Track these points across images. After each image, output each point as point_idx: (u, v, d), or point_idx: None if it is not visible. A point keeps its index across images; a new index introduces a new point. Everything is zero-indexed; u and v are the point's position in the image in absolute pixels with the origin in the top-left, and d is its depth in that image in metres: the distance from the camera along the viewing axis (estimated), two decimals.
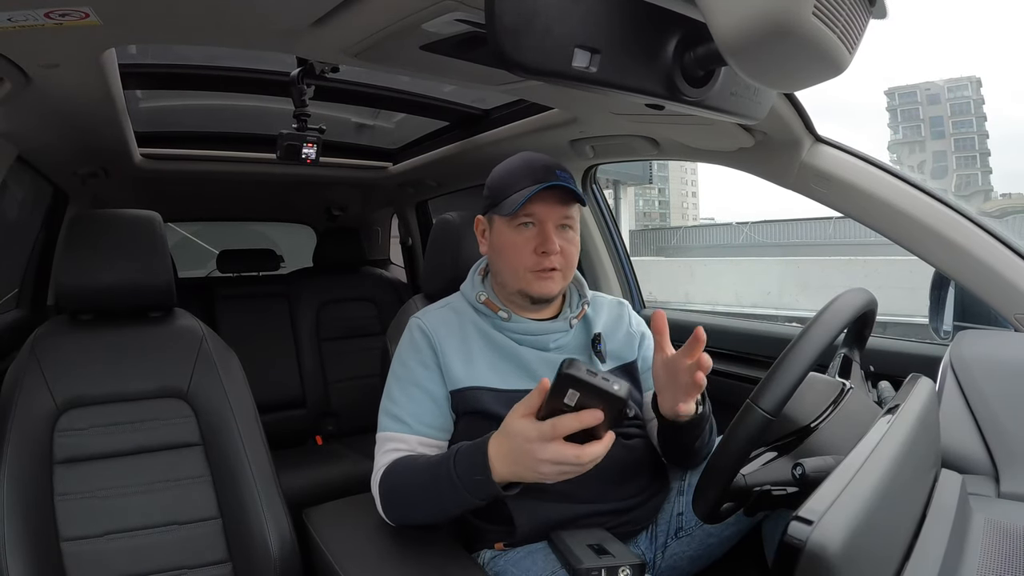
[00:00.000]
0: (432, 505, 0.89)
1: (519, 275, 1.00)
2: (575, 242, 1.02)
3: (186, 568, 1.06)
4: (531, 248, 0.99)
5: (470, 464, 0.81)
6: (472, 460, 0.81)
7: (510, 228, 1.00)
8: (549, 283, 1.00)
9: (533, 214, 0.98)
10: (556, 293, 1.02)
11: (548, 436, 0.71)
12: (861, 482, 0.55)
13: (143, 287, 1.17)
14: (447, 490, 0.84)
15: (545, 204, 0.98)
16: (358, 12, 0.81)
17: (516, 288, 1.01)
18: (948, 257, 1.07)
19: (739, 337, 1.56)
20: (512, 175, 1.01)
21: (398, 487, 0.93)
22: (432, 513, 0.91)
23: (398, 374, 1.02)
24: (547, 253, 0.98)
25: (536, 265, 0.99)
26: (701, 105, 0.61)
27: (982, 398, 0.86)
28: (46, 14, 0.77)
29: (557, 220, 0.99)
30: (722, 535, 0.99)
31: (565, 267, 1.01)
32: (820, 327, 0.80)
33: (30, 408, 1.05)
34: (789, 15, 0.44)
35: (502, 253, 1.02)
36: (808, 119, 1.10)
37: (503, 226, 1.01)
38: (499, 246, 1.02)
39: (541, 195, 0.97)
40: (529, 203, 0.97)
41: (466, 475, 0.82)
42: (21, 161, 1.39)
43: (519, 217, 0.99)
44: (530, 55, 0.48)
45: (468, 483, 0.81)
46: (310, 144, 1.48)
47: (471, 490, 0.82)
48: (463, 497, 0.83)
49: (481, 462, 0.79)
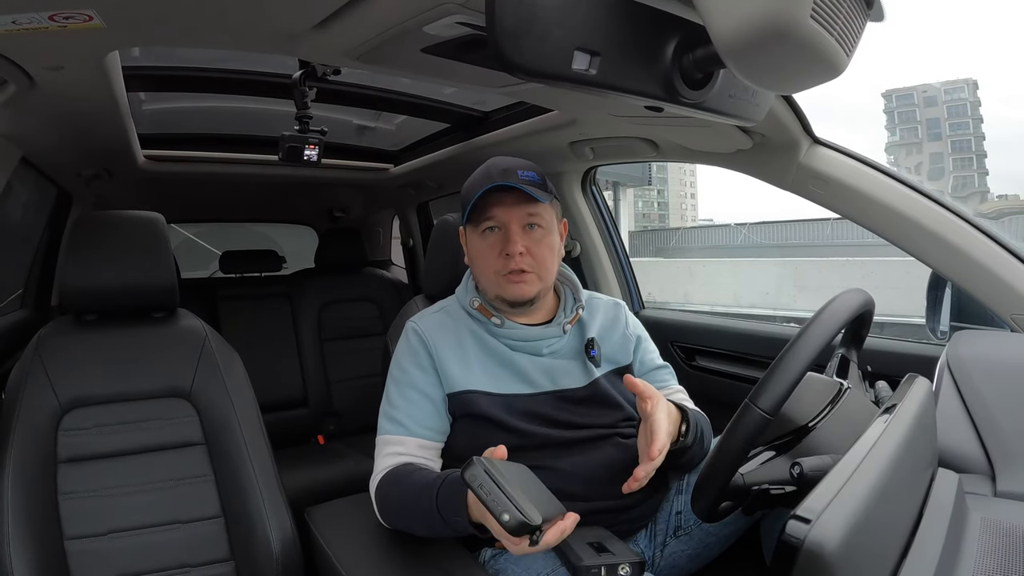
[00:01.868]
0: (420, 525, 0.92)
1: (491, 280, 1.01)
2: (545, 241, 1.01)
3: (189, 566, 1.07)
4: (496, 252, 0.99)
5: (449, 503, 0.84)
6: (452, 500, 0.83)
7: (477, 235, 1.01)
8: (522, 286, 0.99)
9: (494, 217, 0.99)
10: (532, 295, 1.01)
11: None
12: (859, 481, 0.55)
13: (146, 288, 1.18)
14: (432, 519, 0.87)
15: (504, 207, 0.98)
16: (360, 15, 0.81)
17: (493, 294, 1.02)
18: (945, 258, 1.07)
19: (737, 337, 1.57)
20: (473, 183, 1.02)
21: (390, 500, 0.95)
22: (419, 530, 0.93)
23: (396, 378, 1.03)
24: (511, 255, 0.97)
25: (503, 268, 0.99)
26: (700, 107, 0.61)
27: (978, 398, 0.87)
28: (50, 17, 0.77)
29: (521, 221, 0.99)
30: (721, 534, 1.00)
31: (537, 267, 1.00)
32: (818, 327, 0.80)
33: (34, 408, 1.05)
34: (787, 18, 0.44)
35: (474, 261, 1.04)
36: (806, 121, 1.11)
37: (472, 234, 1.03)
38: (471, 254, 1.04)
39: (500, 198, 0.97)
40: (489, 207, 0.98)
41: (445, 509, 0.84)
42: (25, 163, 1.39)
43: (481, 223, 1.00)
44: (530, 57, 0.49)
45: (449, 519, 0.84)
46: (312, 146, 1.48)
47: (451, 524, 0.85)
48: (445, 529, 0.87)
49: (460, 503, 0.82)
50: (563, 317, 1.06)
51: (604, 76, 0.53)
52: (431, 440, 0.99)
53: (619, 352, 1.09)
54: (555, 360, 1.04)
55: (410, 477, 0.93)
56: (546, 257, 1.01)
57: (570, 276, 1.12)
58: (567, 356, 1.05)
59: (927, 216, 1.08)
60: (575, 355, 1.05)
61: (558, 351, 1.05)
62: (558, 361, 1.04)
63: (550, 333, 1.04)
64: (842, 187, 1.13)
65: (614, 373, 1.07)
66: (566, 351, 1.05)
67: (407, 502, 0.92)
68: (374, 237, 2.99)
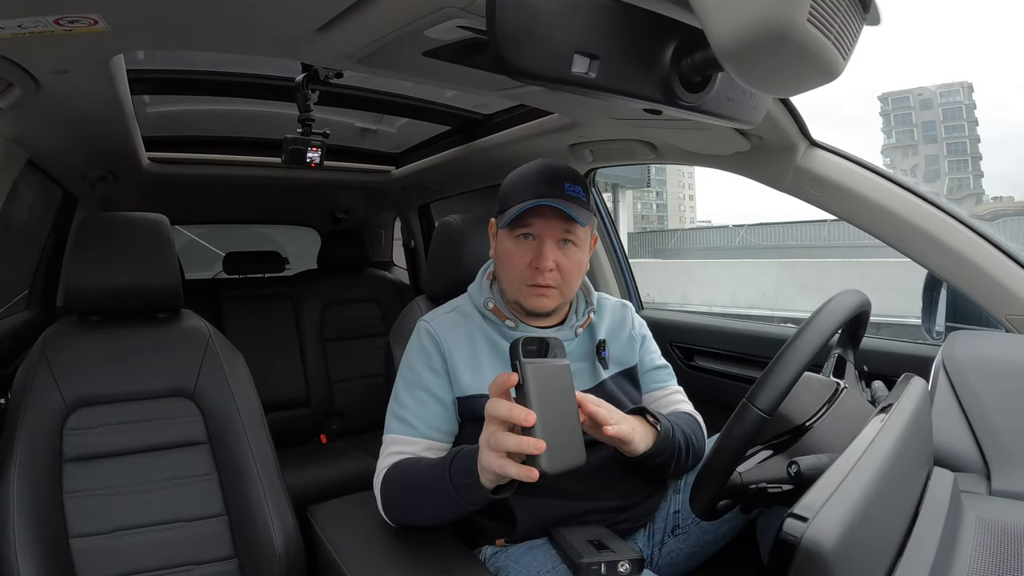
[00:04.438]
0: (429, 507, 0.89)
1: (515, 286, 1.00)
2: (576, 259, 0.99)
3: (193, 564, 1.08)
4: (527, 261, 0.97)
5: (461, 467, 0.81)
6: (464, 463, 0.81)
7: (510, 238, 0.99)
8: (543, 299, 0.99)
9: (532, 226, 0.97)
10: (550, 309, 1.01)
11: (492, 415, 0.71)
12: (855, 480, 0.56)
13: (151, 289, 1.19)
14: (441, 492, 0.84)
15: (545, 219, 0.96)
16: (362, 19, 0.82)
17: (513, 298, 1.02)
18: (940, 259, 1.08)
19: (735, 337, 1.57)
20: (517, 184, 1.00)
21: (398, 488, 0.94)
22: (428, 515, 0.91)
23: (406, 378, 1.02)
24: (540, 270, 0.96)
25: (530, 279, 0.98)
26: (698, 110, 0.62)
27: (974, 397, 0.87)
28: (55, 20, 0.78)
29: (556, 236, 0.97)
30: (718, 532, 1.00)
31: (562, 284, 0.99)
32: (815, 328, 0.80)
33: (40, 407, 1.06)
34: (784, 21, 0.45)
35: (501, 262, 1.02)
36: (803, 123, 1.12)
37: (505, 234, 1.00)
38: (500, 254, 1.03)
39: (542, 209, 0.95)
40: (529, 215, 0.96)
41: (458, 477, 0.82)
42: (31, 165, 1.40)
43: (517, 229, 0.98)
44: (530, 61, 0.49)
45: (459, 486, 0.81)
46: (314, 148, 1.49)
47: (461, 492, 0.82)
48: (455, 500, 0.83)
49: (471, 465, 0.78)
50: (575, 320, 1.06)
51: (603, 79, 0.53)
52: (439, 442, 0.99)
53: (626, 354, 1.09)
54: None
55: (418, 463, 0.93)
56: (572, 274, 1.00)
57: (583, 280, 1.11)
58: (577, 359, 1.04)
59: (923, 218, 1.08)
60: (585, 357, 1.05)
61: (569, 354, 1.05)
62: None
63: (562, 336, 1.02)
64: (839, 189, 1.14)
65: (621, 375, 1.07)
66: (576, 354, 1.05)
67: (416, 482, 0.90)
68: (376, 239, 3.00)
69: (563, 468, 0.68)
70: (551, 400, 0.69)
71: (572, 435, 0.71)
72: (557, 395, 0.71)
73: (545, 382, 0.69)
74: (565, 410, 0.71)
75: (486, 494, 0.79)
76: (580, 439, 0.72)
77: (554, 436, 0.67)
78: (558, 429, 0.69)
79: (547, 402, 0.68)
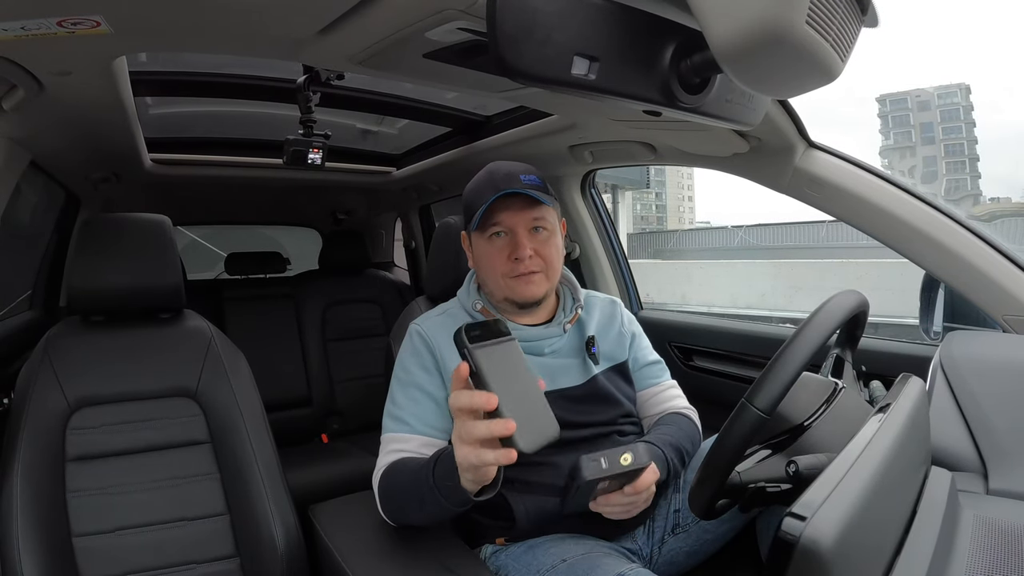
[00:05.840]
0: (418, 508, 0.89)
1: (500, 283, 1.02)
2: (551, 243, 1.03)
3: (195, 563, 1.08)
4: (504, 256, 1.01)
5: (444, 469, 0.81)
6: (447, 465, 0.80)
7: (483, 240, 1.03)
8: (531, 286, 1.01)
9: (500, 223, 1.00)
10: (542, 295, 1.03)
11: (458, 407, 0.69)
12: (853, 479, 0.56)
13: (153, 289, 1.19)
14: (428, 495, 0.84)
15: (511, 211, 1.00)
16: (363, 21, 0.82)
17: (502, 296, 1.04)
18: (938, 260, 1.08)
19: (734, 338, 1.58)
20: (476, 189, 1.04)
21: (391, 488, 0.95)
22: (421, 516, 0.91)
23: (400, 378, 1.04)
24: (520, 259, 0.99)
25: (512, 271, 1.01)
26: (697, 111, 0.62)
27: (971, 397, 0.88)
28: (58, 23, 0.78)
29: (527, 224, 1.01)
30: (718, 531, 1.01)
31: (546, 268, 1.02)
32: (813, 328, 0.80)
33: (43, 407, 1.07)
34: (783, 23, 0.45)
35: (481, 265, 1.05)
36: (801, 125, 1.12)
37: (478, 239, 1.04)
38: (478, 258, 1.05)
39: (506, 203, 0.99)
40: (495, 213, 0.99)
41: (441, 480, 0.82)
42: (34, 166, 1.41)
43: (488, 228, 1.01)
44: (530, 63, 0.50)
45: (443, 488, 0.81)
46: (316, 149, 1.49)
47: (446, 495, 0.81)
48: (440, 502, 0.83)
49: (453, 466, 0.77)
50: (563, 316, 1.08)
51: (603, 81, 0.53)
52: (435, 438, 1.00)
53: (616, 349, 1.11)
54: (555, 359, 1.05)
55: (410, 463, 0.93)
56: (553, 257, 1.03)
57: (568, 276, 1.13)
58: (567, 355, 1.06)
59: (920, 219, 1.09)
60: (574, 353, 1.07)
61: (558, 350, 1.06)
62: (558, 360, 1.05)
63: (551, 333, 1.05)
64: (837, 190, 1.14)
65: (612, 370, 1.09)
66: (566, 350, 1.07)
67: (406, 482, 0.91)
68: (377, 239, 3.01)
69: (540, 443, 0.67)
70: (507, 378, 0.68)
71: (539, 408, 0.69)
72: (511, 372, 0.69)
73: (496, 362, 0.68)
74: (525, 385, 0.70)
75: (466, 496, 0.79)
76: (548, 411, 0.70)
77: (521, 413, 0.66)
78: (523, 405, 0.68)
79: (504, 380, 0.67)
